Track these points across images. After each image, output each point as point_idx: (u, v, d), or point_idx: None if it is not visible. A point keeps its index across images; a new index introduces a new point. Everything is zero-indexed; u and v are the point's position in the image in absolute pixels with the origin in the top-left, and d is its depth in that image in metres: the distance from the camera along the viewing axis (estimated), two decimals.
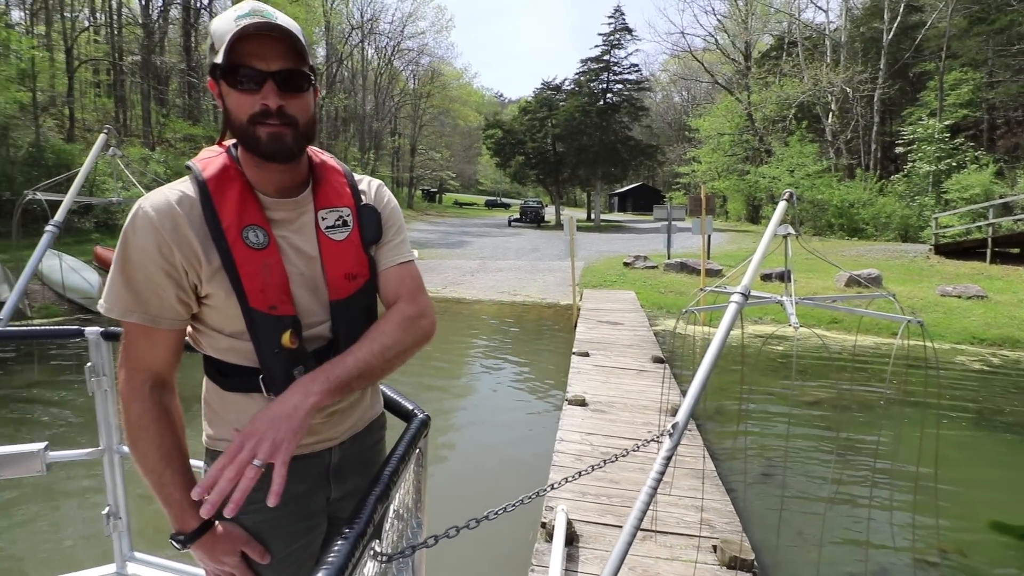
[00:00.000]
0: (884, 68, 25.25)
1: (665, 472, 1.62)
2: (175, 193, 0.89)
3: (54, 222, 2.26)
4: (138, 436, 0.90)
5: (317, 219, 0.97)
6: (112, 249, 11.97)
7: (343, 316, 0.97)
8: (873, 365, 7.34)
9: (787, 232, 2.23)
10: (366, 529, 0.75)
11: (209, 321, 0.93)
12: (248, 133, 0.87)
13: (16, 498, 3.71)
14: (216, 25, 0.87)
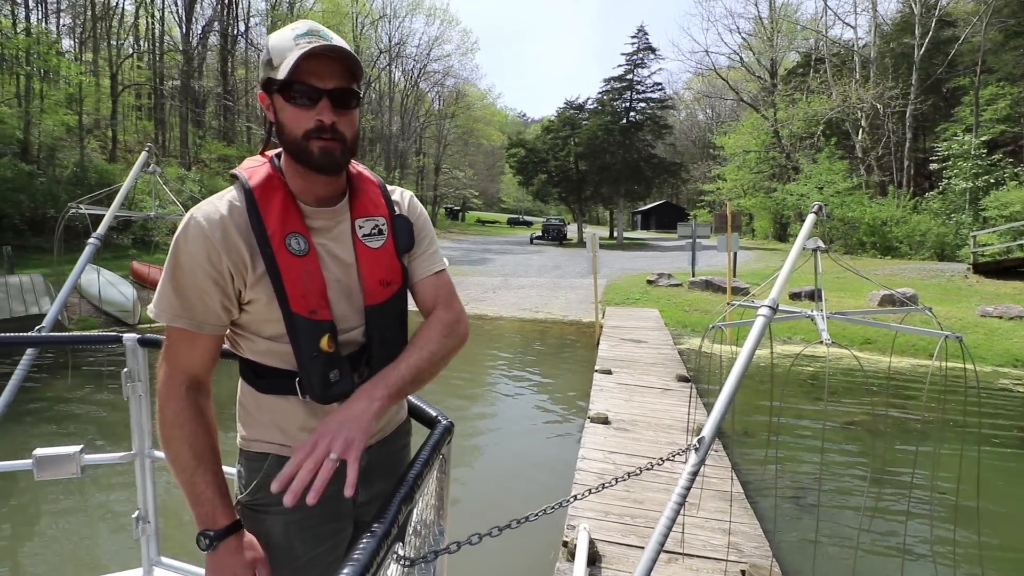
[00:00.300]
0: (916, 83, 24.77)
1: (691, 488, 1.57)
2: (224, 203, 0.93)
3: (96, 235, 2.36)
4: (172, 435, 0.92)
5: (354, 227, 1.01)
6: (148, 264, 12.42)
7: (377, 321, 1.01)
8: (910, 387, 7.07)
9: (816, 246, 2.18)
10: (391, 529, 0.75)
11: (249, 325, 0.96)
12: (302, 147, 0.91)
13: (49, 501, 3.82)
14: (275, 41, 0.91)
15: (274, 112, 0.93)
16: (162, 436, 0.93)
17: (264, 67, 0.92)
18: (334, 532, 1.03)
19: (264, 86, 0.92)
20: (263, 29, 31.57)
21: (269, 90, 0.92)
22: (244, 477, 1.02)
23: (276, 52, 0.90)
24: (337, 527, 1.04)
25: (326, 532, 1.02)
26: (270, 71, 0.90)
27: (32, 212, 14.29)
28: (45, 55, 18.11)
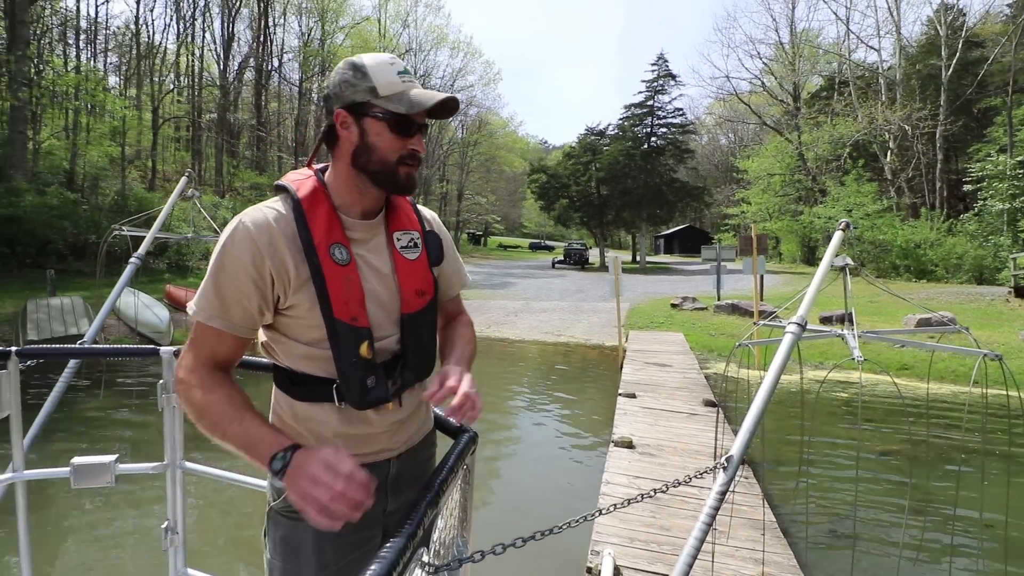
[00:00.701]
0: (945, 105, 24.38)
1: (719, 509, 1.53)
2: (271, 211, 0.97)
3: (137, 255, 2.47)
4: (208, 399, 0.91)
5: (392, 239, 1.07)
6: (182, 288, 12.82)
7: (412, 329, 1.05)
8: (950, 414, 6.76)
9: (845, 263, 2.14)
10: (416, 531, 0.76)
11: (288, 331, 0.99)
12: (391, 169, 0.99)
13: (80, 511, 3.90)
14: (376, 70, 0.96)
15: (359, 132, 0.98)
16: (197, 406, 0.91)
17: (362, 92, 0.96)
18: (365, 540, 1.04)
19: (353, 107, 0.97)
20: (295, 64, 33.02)
21: (361, 112, 0.97)
22: (276, 485, 1.03)
23: (383, 83, 0.96)
24: (368, 535, 1.05)
25: (357, 540, 1.03)
26: (372, 97, 0.96)
27: (75, 238, 14.95)
28: (93, 91, 19.23)
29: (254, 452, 0.87)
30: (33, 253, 13.88)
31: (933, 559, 3.54)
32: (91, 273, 14.50)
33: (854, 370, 8.89)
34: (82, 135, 20.02)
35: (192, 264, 16.93)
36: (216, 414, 0.90)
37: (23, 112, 16.20)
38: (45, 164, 18.20)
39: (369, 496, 0.80)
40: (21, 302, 11.00)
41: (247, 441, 0.88)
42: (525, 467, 5.23)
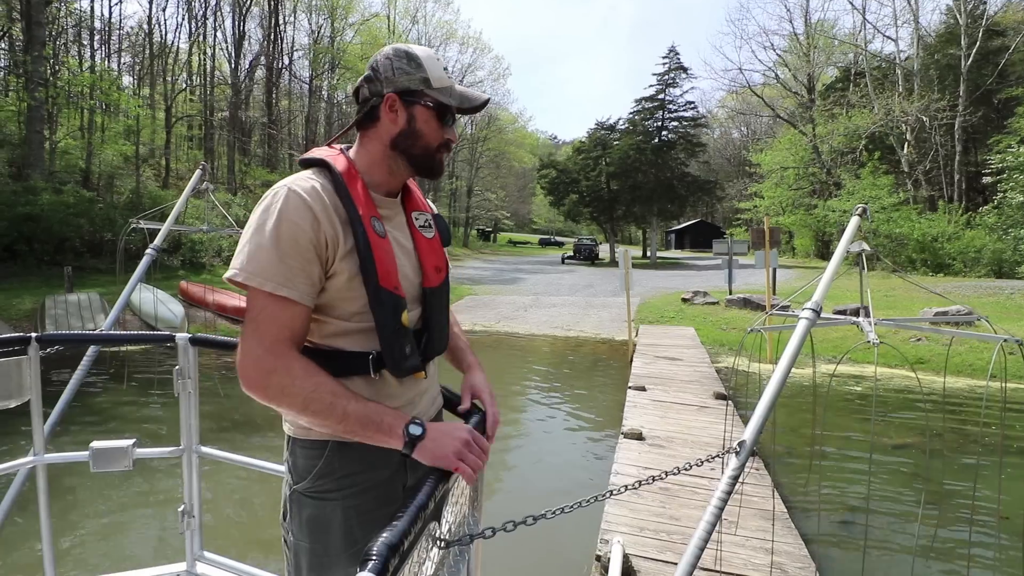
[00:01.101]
0: (964, 95, 23.88)
1: (731, 494, 1.52)
2: (313, 181, 0.98)
3: (153, 247, 2.52)
4: (315, 382, 0.89)
5: (411, 218, 1.12)
6: (195, 284, 13.00)
7: (433, 303, 1.10)
8: (966, 408, 6.66)
9: (861, 248, 2.11)
10: (427, 502, 0.77)
11: (323, 304, 0.98)
12: (432, 155, 1.06)
13: (100, 494, 3.99)
14: (428, 63, 1.03)
15: (407, 118, 1.03)
16: (301, 394, 0.89)
17: (417, 81, 1.02)
18: (387, 517, 1.04)
19: (407, 93, 1.02)
20: (306, 62, 33.16)
21: (412, 99, 1.02)
22: (300, 466, 1.02)
23: (435, 76, 1.03)
24: (392, 511, 1.04)
25: (381, 516, 1.02)
26: (425, 87, 1.02)
27: (91, 235, 15.21)
28: (107, 91, 19.50)
29: (379, 424, 0.90)
30: (51, 250, 14.14)
31: (948, 552, 3.50)
32: (107, 270, 14.75)
33: (868, 363, 8.79)
34: (97, 134, 20.30)
35: (206, 261, 17.15)
36: (329, 395, 0.89)
37: (40, 112, 16.47)
38: (62, 163, 18.50)
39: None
40: (39, 298, 11.23)
41: (371, 414, 0.90)
42: (534, 458, 5.24)
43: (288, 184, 0.96)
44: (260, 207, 0.94)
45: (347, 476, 1.00)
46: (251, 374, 0.90)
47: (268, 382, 0.89)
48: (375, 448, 1.01)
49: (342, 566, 0.99)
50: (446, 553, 0.98)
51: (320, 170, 1.02)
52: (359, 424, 0.89)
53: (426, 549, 0.88)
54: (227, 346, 1.73)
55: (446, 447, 0.90)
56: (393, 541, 0.67)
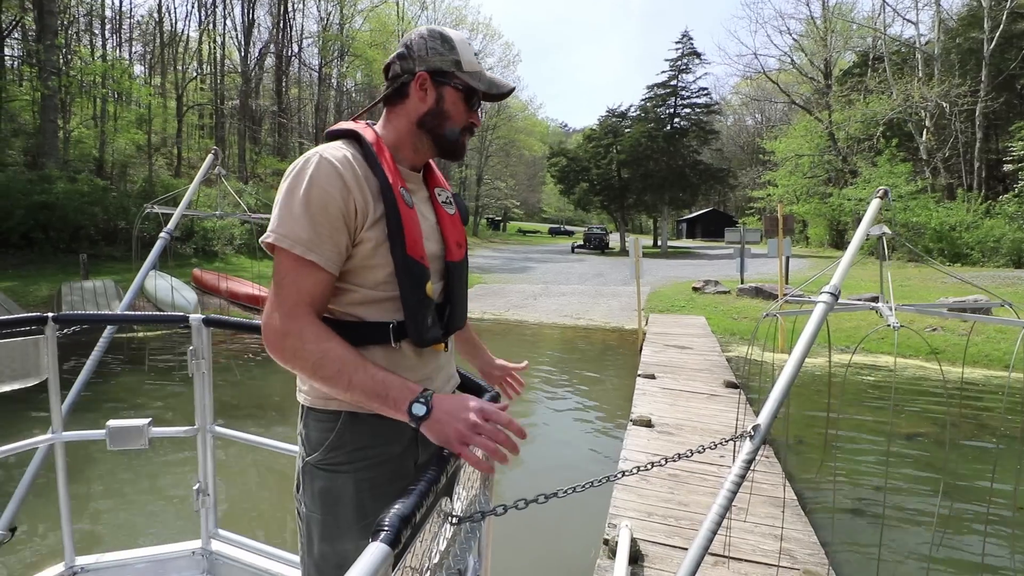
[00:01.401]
0: (986, 80, 23.24)
1: (744, 477, 1.51)
2: (343, 150, 0.98)
3: (167, 230, 2.54)
4: (326, 347, 0.89)
5: (433, 194, 1.14)
6: (208, 271, 13.14)
7: (455, 277, 1.12)
8: (983, 398, 6.57)
9: (882, 232, 2.06)
10: (440, 475, 0.77)
11: (347, 273, 0.99)
12: (456, 136, 1.09)
13: (116, 472, 4.09)
14: (463, 48, 1.06)
15: (436, 98, 1.05)
16: (312, 357, 0.89)
17: (449, 62, 1.05)
18: (399, 492, 1.05)
19: (438, 73, 1.04)
20: (315, 50, 33.09)
21: (443, 80, 1.05)
22: (312, 439, 1.03)
23: (467, 60, 1.06)
24: (401, 487, 1.06)
25: (393, 491, 1.01)
26: (456, 68, 1.05)
27: (105, 223, 15.39)
28: (119, 79, 19.62)
29: (385, 398, 0.87)
30: (66, 238, 14.34)
31: (960, 541, 3.47)
32: (122, 257, 14.94)
33: (881, 353, 8.69)
34: (110, 123, 20.47)
35: (219, 249, 17.31)
36: (338, 361, 0.88)
37: (53, 101, 16.63)
38: (75, 152, 18.71)
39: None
40: (56, 285, 11.42)
41: (377, 387, 0.88)
42: (543, 445, 5.27)
43: (320, 151, 0.96)
44: (292, 173, 0.94)
45: (359, 449, 1.00)
46: (269, 335, 0.92)
47: (283, 344, 0.91)
48: (386, 423, 1.01)
49: (353, 538, 1.00)
50: (457, 531, 0.98)
51: (350, 141, 1.03)
52: (364, 395, 0.89)
53: (438, 524, 0.88)
54: (239, 327, 1.74)
55: (450, 429, 0.85)
56: (405, 513, 0.67)
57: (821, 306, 1.71)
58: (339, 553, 1.01)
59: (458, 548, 0.98)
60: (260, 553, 1.81)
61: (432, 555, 0.88)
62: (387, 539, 0.62)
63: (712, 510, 1.47)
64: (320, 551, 1.02)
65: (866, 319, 9.89)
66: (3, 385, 1.49)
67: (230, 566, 1.83)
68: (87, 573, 1.78)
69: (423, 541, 0.82)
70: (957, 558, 3.29)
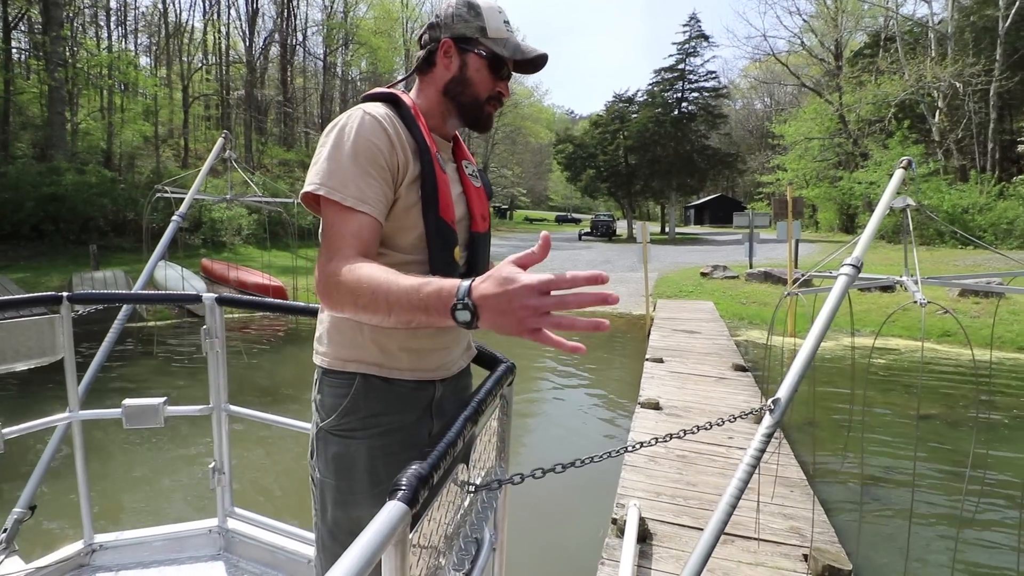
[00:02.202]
0: (1001, 59, 22.71)
1: (764, 452, 1.49)
2: (384, 108, 0.99)
3: (179, 213, 2.56)
4: (359, 273, 0.83)
5: (461, 166, 1.14)
6: (218, 261, 13.22)
7: (479, 248, 1.11)
8: (998, 380, 6.52)
9: (905, 204, 2.02)
10: (457, 440, 0.77)
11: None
12: (479, 106, 1.07)
13: (133, 452, 4.17)
14: (490, 15, 1.04)
15: (460, 65, 1.05)
16: (347, 289, 0.83)
17: (474, 29, 1.03)
18: (413, 459, 1.06)
19: (462, 40, 1.04)
20: (319, 39, 32.91)
21: (466, 47, 1.04)
22: (327, 405, 1.03)
23: (493, 26, 1.04)
24: (414, 456, 1.06)
25: (405, 459, 1.01)
26: (481, 35, 1.04)
27: (114, 215, 15.52)
28: (125, 71, 19.64)
29: (427, 311, 0.76)
30: (76, 230, 14.47)
31: (968, 518, 3.47)
32: (131, 248, 15.06)
33: (892, 336, 8.62)
34: (117, 115, 20.54)
35: (227, 240, 17.41)
36: (371, 283, 0.81)
37: (60, 93, 16.69)
38: (83, 144, 18.80)
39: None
40: (67, 276, 11.55)
41: (413, 302, 0.77)
42: (552, 427, 5.30)
43: (363, 108, 0.97)
44: (335, 128, 0.94)
45: (372, 416, 1.01)
46: (318, 282, 0.88)
47: (327, 285, 0.86)
48: (401, 390, 1.02)
49: (367, 505, 1.00)
50: (474, 500, 0.98)
51: (388, 104, 1.03)
52: (407, 315, 0.78)
53: (454, 494, 0.88)
54: (252, 304, 1.76)
55: (510, 322, 0.69)
56: (423, 473, 0.67)
57: (843, 279, 1.68)
58: (352, 520, 1.02)
59: (475, 518, 0.99)
60: (276, 531, 1.83)
61: (449, 524, 0.88)
62: (404, 498, 0.61)
63: (731, 484, 1.45)
64: (333, 517, 1.03)
65: (876, 302, 9.80)
66: (20, 363, 1.52)
67: (246, 543, 1.86)
68: (105, 550, 1.81)
69: (440, 507, 0.82)
70: (969, 538, 3.28)
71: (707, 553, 1.33)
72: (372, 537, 0.52)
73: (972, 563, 3.05)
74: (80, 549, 1.77)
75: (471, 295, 0.71)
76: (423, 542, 0.77)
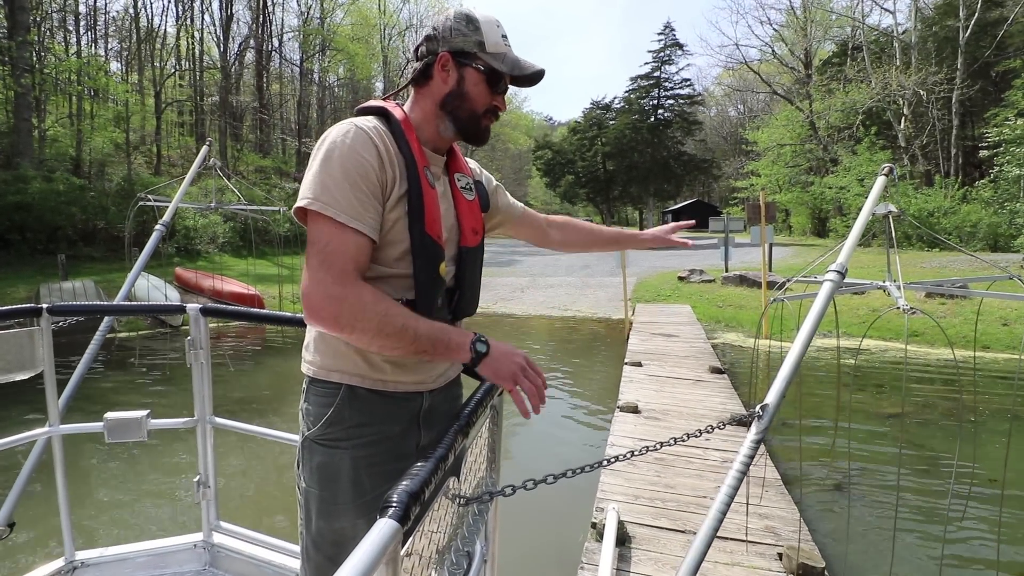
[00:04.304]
0: (962, 68, 23.68)
1: (753, 457, 1.52)
2: (374, 123, 1.00)
3: (162, 222, 2.54)
4: (385, 307, 0.91)
5: (453, 179, 1.14)
6: (191, 270, 12.98)
7: (468, 263, 1.12)
8: (964, 378, 6.77)
9: (888, 210, 2.09)
10: (447, 454, 0.78)
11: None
12: (476, 120, 1.08)
13: (116, 465, 4.08)
14: (488, 29, 1.05)
15: (457, 79, 1.05)
16: (377, 316, 0.89)
17: (472, 43, 1.04)
18: (398, 472, 1.05)
19: (460, 54, 1.04)
20: (295, 44, 32.62)
21: (464, 61, 1.04)
22: (313, 414, 1.04)
23: (491, 41, 1.05)
24: (402, 467, 1.05)
25: (391, 471, 1.03)
26: (479, 50, 1.04)
27: (83, 223, 15.11)
28: (94, 76, 19.19)
29: (447, 344, 0.93)
30: (43, 239, 14.06)
31: (933, 511, 3.61)
32: (101, 258, 14.68)
33: (866, 337, 8.89)
34: (86, 122, 20.03)
35: (201, 248, 17.09)
36: (401, 316, 0.91)
37: (27, 99, 16.23)
38: (51, 151, 18.30)
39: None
40: (34, 287, 11.21)
41: (440, 333, 0.93)
42: (533, 433, 5.34)
43: (353, 122, 0.98)
44: (326, 142, 0.95)
45: (356, 426, 1.02)
46: (321, 304, 0.89)
47: (340, 311, 0.89)
48: (386, 401, 1.03)
49: (350, 516, 1.01)
50: (465, 512, 0.99)
51: (379, 117, 1.04)
52: (430, 343, 0.92)
53: (445, 507, 0.88)
54: (237, 315, 1.77)
55: (506, 367, 0.95)
56: (414, 489, 0.66)
57: (828, 285, 1.72)
58: (335, 530, 1.02)
59: (466, 530, 0.99)
60: (262, 544, 1.83)
61: (441, 537, 0.89)
62: (395, 515, 0.60)
63: (722, 491, 1.43)
64: (317, 527, 1.04)
65: (849, 303, 10.09)
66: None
67: (232, 558, 1.84)
68: (87, 568, 1.78)
69: (431, 521, 0.82)
70: (929, 529, 3.42)
71: (697, 562, 1.32)
72: (363, 556, 0.51)
73: (949, 555, 3.19)
74: (61, 567, 1.74)
75: (487, 340, 0.95)
76: (415, 557, 0.77)
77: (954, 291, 2.43)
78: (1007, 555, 3.12)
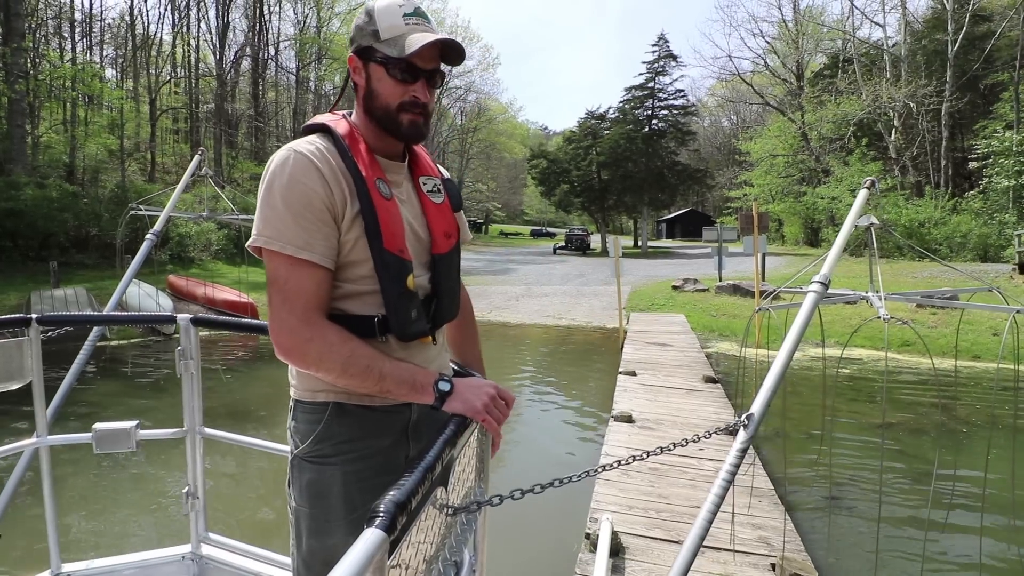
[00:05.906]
0: (951, 81, 24.06)
1: (739, 465, 1.52)
2: (315, 143, 0.96)
3: (153, 231, 2.53)
4: (350, 348, 0.91)
5: (418, 183, 1.10)
6: (184, 277, 12.91)
7: (443, 269, 1.09)
8: (957, 388, 6.82)
9: (870, 223, 2.12)
10: (435, 464, 0.77)
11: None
12: (392, 117, 0.99)
13: (104, 476, 4.03)
14: (382, 14, 0.97)
15: (366, 78, 1.00)
16: (340, 356, 0.90)
17: (367, 36, 0.98)
18: (386, 485, 1.03)
19: (361, 52, 0.99)
20: (291, 53, 32.73)
21: (366, 57, 0.99)
22: (301, 431, 1.03)
23: (385, 26, 0.96)
24: (388, 481, 1.04)
25: (379, 484, 1.02)
26: (374, 41, 0.97)
27: (76, 230, 15.02)
28: (89, 83, 19.17)
29: (412, 383, 0.95)
30: (35, 246, 13.97)
31: (929, 522, 3.62)
32: (93, 265, 14.58)
33: (855, 347, 8.95)
34: (80, 128, 19.98)
35: (195, 255, 17.01)
36: (366, 357, 0.92)
37: (21, 105, 16.18)
38: (44, 158, 18.21)
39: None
40: (25, 294, 11.12)
41: (405, 374, 0.95)
42: (527, 442, 5.32)
43: (292, 147, 0.94)
44: (268, 173, 0.93)
45: (346, 442, 1.00)
46: (287, 343, 0.91)
47: (306, 350, 0.91)
48: (374, 415, 1.02)
49: (341, 533, 0.99)
50: (452, 522, 0.98)
51: (322, 134, 1.00)
52: (395, 383, 0.93)
53: (433, 517, 0.87)
54: (228, 326, 1.76)
55: (475, 400, 0.95)
56: (401, 499, 0.66)
57: (812, 295, 1.74)
58: (327, 548, 1.00)
59: (454, 540, 0.98)
60: (252, 556, 1.80)
61: (428, 547, 0.88)
62: (382, 525, 0.60)
63: (708, 500, 1.44)
64: (308, 546, 1.02)
65: (840, 313, 10.16)
66: None
67: (221, 570, 1.81)
68: None
69: (419, 531, 0.81)
70: (926, 539, 3.43)
71: (684, 572, 1.33)
72: (349, 566, 0.50)
73: (940, 561, 3.19)
74: None
75: (450, 379, 0.96)
76: (402, 568, 0.76)
77: (937, 303, 2.45)
78: (989, 559, 3.13)
